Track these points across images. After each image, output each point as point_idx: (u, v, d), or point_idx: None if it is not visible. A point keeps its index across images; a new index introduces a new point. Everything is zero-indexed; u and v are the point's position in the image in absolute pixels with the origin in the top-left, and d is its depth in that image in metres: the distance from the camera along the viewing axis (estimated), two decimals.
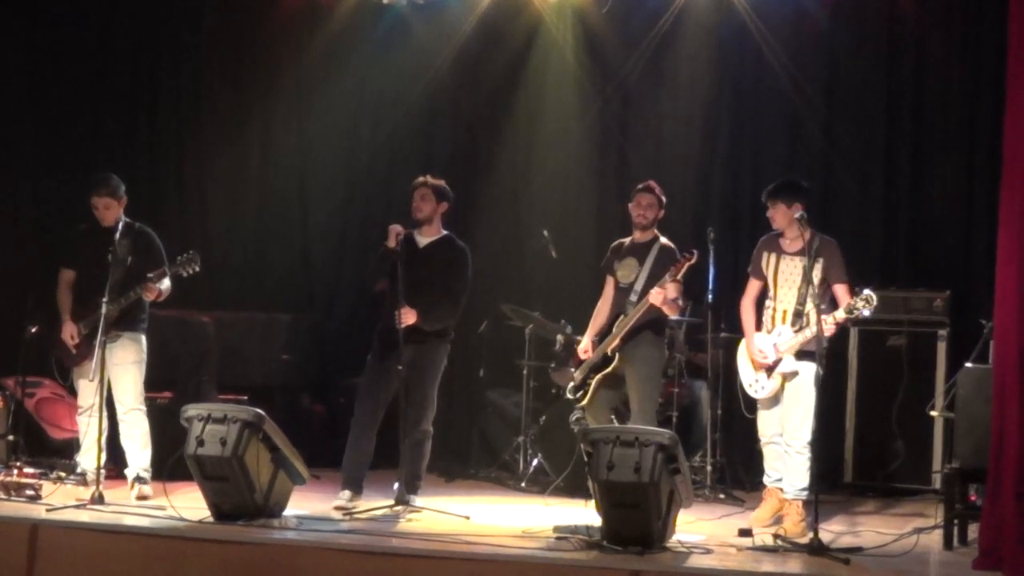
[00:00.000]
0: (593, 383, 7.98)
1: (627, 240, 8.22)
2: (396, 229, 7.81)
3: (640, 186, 8.16)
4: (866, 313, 7.29)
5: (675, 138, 10.15)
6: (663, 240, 8.08)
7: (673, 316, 8.07)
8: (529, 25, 10.26)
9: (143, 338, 8.14)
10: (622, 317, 7.91)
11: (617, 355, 7.90)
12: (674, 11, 9.86)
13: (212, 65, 10.89)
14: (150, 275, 7.93)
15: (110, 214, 8.10)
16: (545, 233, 9.53)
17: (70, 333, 8.07)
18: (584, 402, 8.05)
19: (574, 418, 8.46)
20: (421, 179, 8.11)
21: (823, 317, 7.22)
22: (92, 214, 8.16)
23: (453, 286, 7.98)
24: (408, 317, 7.73)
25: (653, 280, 7.88)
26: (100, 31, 10.78)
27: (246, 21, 10.82)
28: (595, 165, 10.16)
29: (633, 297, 7.94)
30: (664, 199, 8.13)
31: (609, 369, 7.93)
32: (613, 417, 8.18)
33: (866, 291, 7.24)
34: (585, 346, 8.12)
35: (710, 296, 8.84)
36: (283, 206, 10.89)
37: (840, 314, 7.37)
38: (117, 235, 7.97)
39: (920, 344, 9.06)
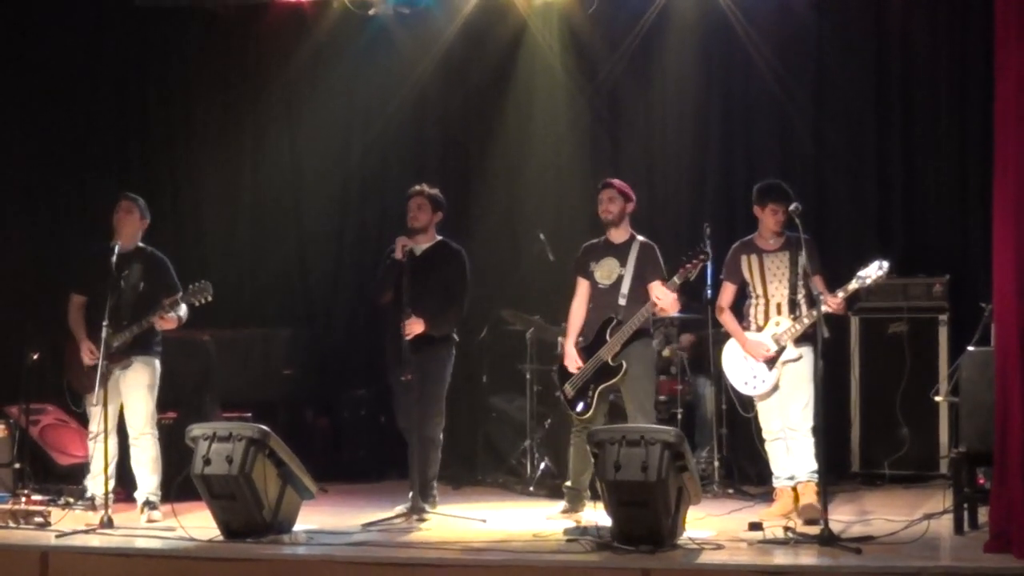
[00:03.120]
0: (596, 395, 7.77)
1: (600, 240, 8.03)
2: (403, 240, 7.88)
3: (599, 184, 8.05)
4: (877, 273, 7.43)
5: (666, 135, 10.15)
6: (641, 238, 7.94)
7: (673, 313, 8.04)
8: (514, 29, 10.23)
9: (156, 362, 8.05)
10: (615, 321, 7.75)
11: (623, 361, 7.69)
12: (656, 9, 9.83)
13: (200, 83, 10.88)
14: (165, 301, 7.87)
15: (129, 223, 8.00)
16: (541, 236, 9.50)
17: (88, 349, 7.91)
18: (588, 415, 7.78)
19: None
20: (417, 188, 8.15)
21: (836, 293, 7.42)
22: (98, 239, 8.06)
23: (454, 288, 8.04)
24: (415, 327, 7.75)
25: (639, 280, 7.77)
26: (88, 52, 10.75)
27: (233, 37, 10.83)
28: (587, 165, 10.13)
29: (622, 300, 7.77)
30: (629, 192, 7.96)
31: (618, 378, 7.71)
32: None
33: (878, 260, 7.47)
34: (573, 357, 7.83)
35: (708, 292, 8.81)
36: (277, 220, 10.88)
37: (852, 285, 7.50)
38: (126, 257, 7.87)
39: (921, 330, 9.06)
